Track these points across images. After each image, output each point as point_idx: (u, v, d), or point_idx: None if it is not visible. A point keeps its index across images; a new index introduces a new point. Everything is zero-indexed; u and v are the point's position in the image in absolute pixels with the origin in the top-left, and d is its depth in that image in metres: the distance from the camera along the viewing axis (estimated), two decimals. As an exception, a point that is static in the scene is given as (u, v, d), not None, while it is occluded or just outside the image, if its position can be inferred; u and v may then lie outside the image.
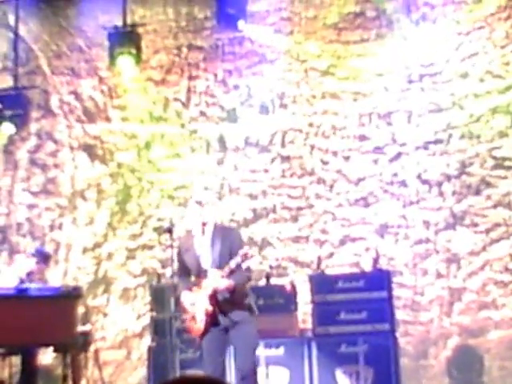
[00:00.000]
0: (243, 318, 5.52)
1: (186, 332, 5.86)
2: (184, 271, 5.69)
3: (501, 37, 8.77)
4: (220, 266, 5.45)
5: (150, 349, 7.88)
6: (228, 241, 5.50)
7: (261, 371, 6.84)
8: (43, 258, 7.81)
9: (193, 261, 5.54)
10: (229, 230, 5.68)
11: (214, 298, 5.47)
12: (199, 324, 5.50)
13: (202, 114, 9.52)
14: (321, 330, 7.57)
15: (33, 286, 7.25)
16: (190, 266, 5.58)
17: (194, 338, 5.73)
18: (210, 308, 5.48)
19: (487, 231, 8.58)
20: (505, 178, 8.65)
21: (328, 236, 8.95)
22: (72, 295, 6.93)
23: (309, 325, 7.80)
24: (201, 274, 5.53)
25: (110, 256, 9.51)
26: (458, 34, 8.89)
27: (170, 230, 6.15)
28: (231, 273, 5.40)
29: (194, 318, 5.53)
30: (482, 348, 8.22)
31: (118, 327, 9.32)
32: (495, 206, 8.61)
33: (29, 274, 7.57)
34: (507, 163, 8.67)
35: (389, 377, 7.33)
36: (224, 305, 5.49)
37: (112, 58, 9.53)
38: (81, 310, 7.70)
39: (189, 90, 9.56)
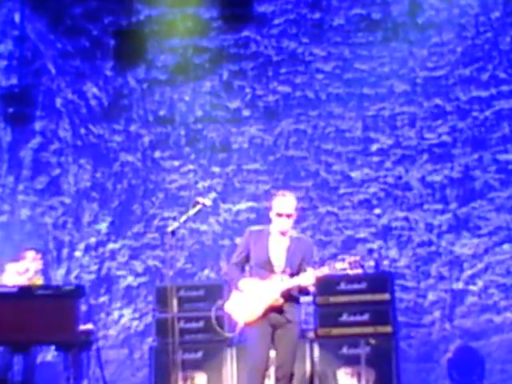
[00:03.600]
0: (294, 318, 5.59)
1: (228, 314, 5.79)
2: (242, 261, 5.70)
3: (506, 42, 8.81)
4: (290, 269, 5.56)
5: (152, 348, 7.90)
6: (303, 250, 5.63)
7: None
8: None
9: (262, 254, 5.58)
10: (305, 241, 5.77)
11: (287, 293, 5.51)
12: (256, 311, 5.50)
13: (207, 114, 9.55)
14: (323, 331, 7.58)
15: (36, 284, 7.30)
16: (257, 258, 5.60)
17: (234, 323, 5.70)
18: (281, 301, 5.50)
19: (490, 234, 8.61)
20: (508, 181, 8.69)
21: (331, 238, 8.98)
22: (74, 294, 6.95)
23: (311, 326, 7.82)
24: (267, 267, 5.56)
25: (112, 255, 9.54)
26: (463, 38, 8.93)
27: (173, 232, 6.14)
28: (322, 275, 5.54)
29: (252, 303, 5.52)
30: (483, 351, 8.24)
31: (121, 326, 9.35)
32: (498, 210, 8.65)
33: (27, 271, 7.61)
34: (511, 167, 8.72)
35: (390, 379, 7.34)
36: (286, 302, 5.56)
37: (117, 57, 9.58)
38: (83, 308, 7.72)
39: (194, 91, 9.60)
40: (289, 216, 5.57)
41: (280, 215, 5.55)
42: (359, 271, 5.58)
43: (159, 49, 9.67)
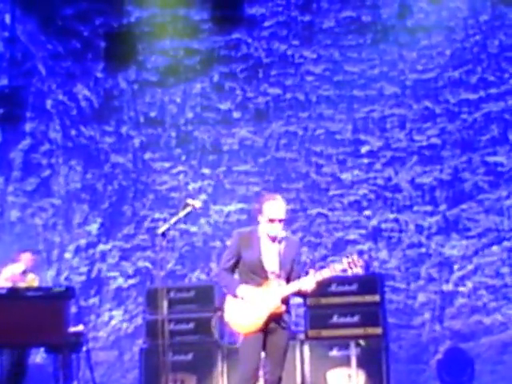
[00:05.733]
0: (288, 324, 5.53)
1: (227, 326, 5.71)
2: (233, 265, 5.55)
3: (494, 44, 8.86)
4: (284, 273, 5.48)
5: (142, 350, 7.90)
6: (293, 251, 5.54)
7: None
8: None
9: (255, 260, 5.46)
10: (293, 241, 5.65)
11: (286, 298, 5.44)
12: (258, 322, 5.40)
13: (198, 116, 9.56)
14: (313, 333, 7.60)
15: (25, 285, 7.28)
16: (249, 263, 5.48)
17: (234, 333, 5.62)
18: (283, 307, 5.42)
19: (479, 236, 8.66)
20: (497, 183, 8.73)
21: (321, 239, 9.00)
22: (64, 295, 6.94)
23: (301, 328, 7.83)
24: (260, 273, 5.45)
25: (103, 256, 9.53)
26: (452, 40, 8.97)
27: (163, 234, 6.13)
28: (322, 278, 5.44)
29: (250, 314, 5.42)
30: (473, 352, 8.27)
31: (111, 328, 9.34)
32: (487, 212, 8.69)
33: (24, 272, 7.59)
34: (499, 169, 8.76)
35: (380, 380, 7.37)
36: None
37: (108, 58, 9.60)
38: (73, 310, 7.71)
39: (184, 93, 9.60)
40: (281, 221, 5.45)
41: (273, 220, 5.42)
42: (359, 271, 5.48)
43: (150, 50, 9.68)
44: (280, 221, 5.44)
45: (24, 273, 7.63)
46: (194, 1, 9.51)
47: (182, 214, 5.97)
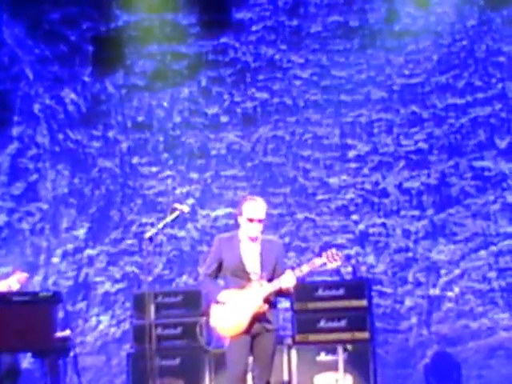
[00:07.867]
0: (273, 326, 5.56)
1: (214, 330, 5.70)
2: (216, 271, 5.61)
3: (481, 49, 8.90)
4: (266, 273, 5.51)
5: (129, 355, 7.89)
6: (275, 252, 5.60)
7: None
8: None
9: (236, 262, 5.52)
10: (276, 243, 5.75)
11: (268, 298, 5.46)
12: (242, 323, 5.43)
13: (185, 120, 9.56)
14: (300, 337, 7.61)
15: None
16: (231, 266, 5.53)
17: (221, 337, 5.62)
18: (265, 307, 5.44)
19: (466, 241, 8.69)
20: (484, 188, 8.77)
21: (309, 244, 9.01)
22: (51, 300, 6.92)
23: (289, 332, 7.84)
24: (242, 275, 5.50)
25: (90, 261, 9.51)
26: (439, 45, 9.01)
27: (151, 238, 6.14)
28: (306, 274, 5.52)
29: (234, 316, 5.45)
30: (460, 357, 8.31)
31: (98, 333, 9.31)
32: (474, 216, 8.73)
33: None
34: (486, 174, 8.80)
35: (368, 385, 7.39)
36: (269, 308, 5.51)
37: (95, 63, 9.59)
38: (60, 315, 7.68)
39: (172, 97, 9.60)
40: (260, 221, 5.54)
41: (251, 220, 5.52)
42: (338, 263, 5.55)
43: (137, 55, 9.67)
44: (260, 221, 5.53)
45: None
46: (182, 5, 9.52)
47: (169, 218, 5.99)
